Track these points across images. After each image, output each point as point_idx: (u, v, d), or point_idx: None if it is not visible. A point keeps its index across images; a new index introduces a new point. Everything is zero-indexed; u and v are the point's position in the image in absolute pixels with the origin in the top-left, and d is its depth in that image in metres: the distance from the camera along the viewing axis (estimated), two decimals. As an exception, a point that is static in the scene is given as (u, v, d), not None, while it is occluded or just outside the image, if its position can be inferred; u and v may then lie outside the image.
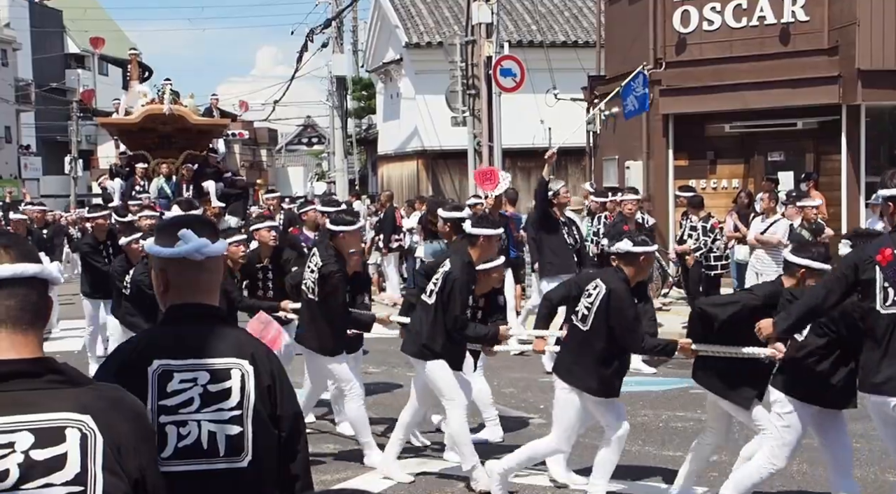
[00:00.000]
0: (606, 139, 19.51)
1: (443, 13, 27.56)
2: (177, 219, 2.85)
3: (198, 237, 2.58)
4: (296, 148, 62.39)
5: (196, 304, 2.60)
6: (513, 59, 18.85)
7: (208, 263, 2.60)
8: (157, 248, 2.62)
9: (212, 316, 2.62)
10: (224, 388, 2.49)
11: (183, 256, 2.58)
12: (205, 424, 2.48)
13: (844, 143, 15.77)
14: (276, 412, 2.55)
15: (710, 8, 16.52)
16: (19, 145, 51.51)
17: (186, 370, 2.49)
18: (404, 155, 28.26)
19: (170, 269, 2.61)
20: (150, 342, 2.59)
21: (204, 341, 2.54)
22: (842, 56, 15.41)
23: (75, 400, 1.94)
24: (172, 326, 2.61)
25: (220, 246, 2.63)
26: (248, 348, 2.56)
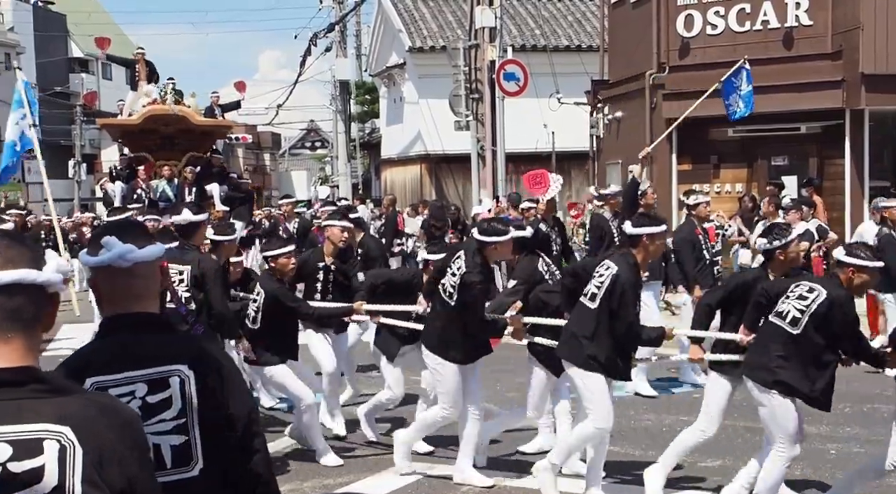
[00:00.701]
0: (609, 143, 19.51)
1: (446, 17, 27.59)
2: (106, 226, 2.78)
3: (122, 243, 2.46)
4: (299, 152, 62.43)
5: (130, 314, 2.47)
6: (516, 63, 18.87)
7: (138, 269, 2.47)
8: (85, 258, 2.52)
9: (149, 323, 2.49)
10: (163, 398, 2.38)
11: (107, 264, 2.46)
12: (148, 437, 2.30)
13: (848, 148, 15.75)
14: (227, 411, 2.42)
15: (714, 12, 16.52)
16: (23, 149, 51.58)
17: (123, 384, 2.37)
18: (407, 159, 28.27)
19: (99, 278, 2.51)
20: (83, 358, 2.47)
21: (139, 351, 2.42)
22: (845, 60, 15.39)
23: (57, 411, 1.89)
24: (108, 339, 2.48)
25: (149, 250, 2.49)
26: (187, 351, 2.45)
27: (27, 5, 53.31)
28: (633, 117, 18.18)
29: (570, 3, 28.81)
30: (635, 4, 18.36)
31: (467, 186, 21.93)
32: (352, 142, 32.81)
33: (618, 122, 19.03)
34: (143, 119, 19.43)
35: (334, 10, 30.28)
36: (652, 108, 17.19)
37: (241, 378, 2.54)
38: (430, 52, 26.06)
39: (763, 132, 16.63)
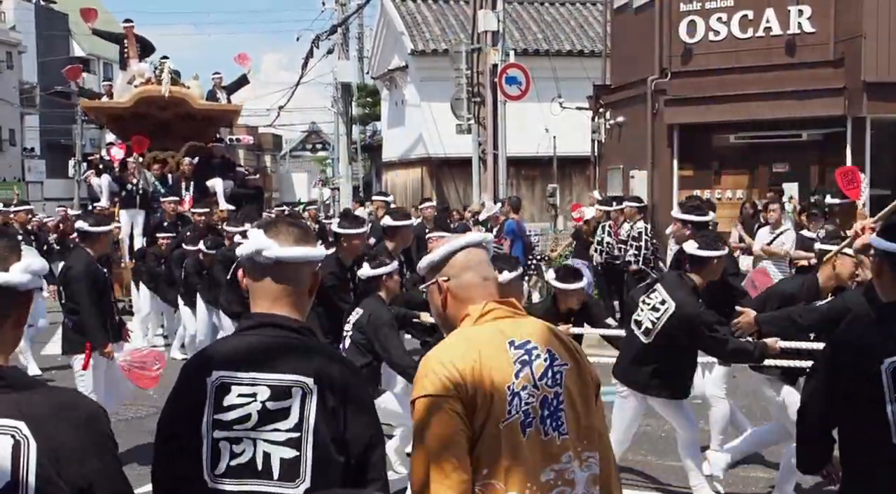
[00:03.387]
0: (611, 148, 19.52)
1: (449, 21, 27.61)
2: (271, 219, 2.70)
3: (266, 238, 2.45)
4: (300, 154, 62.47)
5: (270, 314, 2.45)
6: (518, 67, 18.87)
7: (281, 269, 2.46)
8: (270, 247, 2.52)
9: (287, 328, 2.43)
10: (283, 407, 2.32)
11: (246, 258, 2.49)
12: (260, 443, 2.31)
13: (849, 155, 15.76)
14: (343, 436, 2.33)
15: (717, 18, 16.54)
16: (23, 148, 51.60)
17: (247, 383, 2.34)
18: (409, 162, 28.28)
19: (245, 272, 2.54)
20: (213, 350, 2.49)
21: (271, 354, 2.37)
22: (847, 68, 15.41)
23: (13, 406, 1.88)
24: (244, 336, 2.45)
25: (296, 251, 2.45)
26: (315, 364, 2.36)
27: (29, 4, 53.37)
28: (634, 123, 18.19)
29: (573, 7, 28.84)
30: (638, 10, 18.38)
31: (468, 190, 21.93)
32: (353, 144, 32.83)
33: (619, 127, 19.04)
34: (135, 101, 16.86)
35: (337, 13, 30.31)
36: (654, 114, 17.21)
37: (368, 402, 2.45)
38: (432, 55, 26.08)
39: (765, 139, 16.64)
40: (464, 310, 2.66)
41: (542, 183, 24.74)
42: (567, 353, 2.65)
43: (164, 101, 16.88)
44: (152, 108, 17.04)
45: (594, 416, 2.67)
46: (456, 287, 2.68)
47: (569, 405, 2.59)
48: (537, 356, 2.58)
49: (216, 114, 17.99)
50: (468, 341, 2.57)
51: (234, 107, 18.47)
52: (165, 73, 16.88)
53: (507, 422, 2.49)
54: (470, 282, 2.68)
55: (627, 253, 12.99)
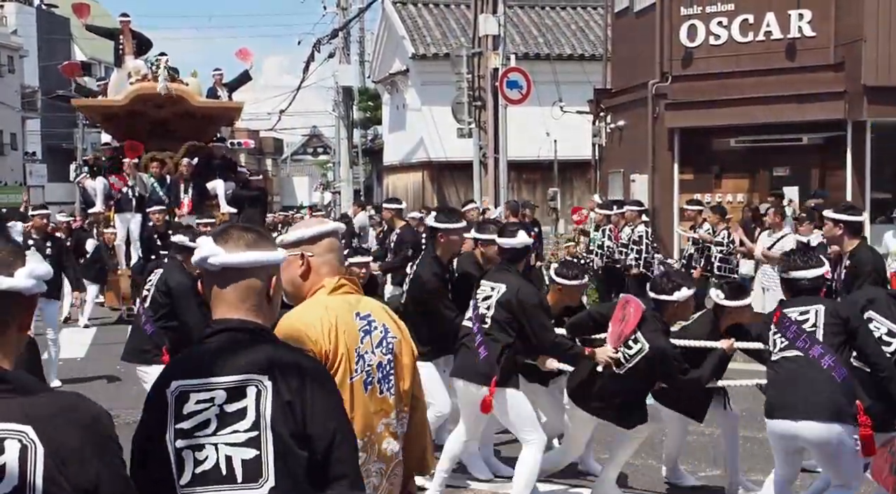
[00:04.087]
0: (612, 152, 19.53)
1: (450, 25, 27.63)
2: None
3: (214, 245, 2.44)
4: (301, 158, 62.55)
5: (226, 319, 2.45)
6: (519, 71, 18.89)
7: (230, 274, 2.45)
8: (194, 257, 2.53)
9: (243, 330, 2.42)
10: (240, 408, 2.30)
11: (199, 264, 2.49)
12: (221, 447, 2.29)
13: (850, 159, 15.78)
14: (303, 431, 2.30)
15: (717, 22, 16.56)
16: (24, 152, 51.63)
17: (203, 389, 2.32)
18: (410, 166, 28.29)
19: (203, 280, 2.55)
20: (175, 362, 2.49)
21: (226, 357, 2.35)
22: (848, 72, 15.43)
23: (19, 410, 1.89)
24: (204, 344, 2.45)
25: (243, 256, 2.43)
26: (267, 360, 2.33)
27: (31, 9, 53.42)
28: (635, 126, 18.21)
29: (574, 11, 28.86)
30: (639, 14, 18.41)
31: (469, 193, 21.91)
32: (354, 148, 32.86)
33: (620, 131, 19.07)
34: (130, 99, 15.82)
35: (338, 17, 30.36)
36: (654, 118, 17.23)
37: (330, 396, 2.41)
38: (433, 59, 26.09)
39: (765, 142, 16.66)
40: (319, 283, 3.07)
41: (542, 186, 24.74)
42: (396, 328, 3.15)
43: (161, 99, 15.80)
44: (149, 106, 16.04)
45: (414, 383, 3.15)
46: (318, 263, 3.10)
47: (397, 370, 3.07)
48: (375, 327, 3.05)
49: (216, 113, 17.01)
50: (326, 308, 2.98)
51: (235, 104, 17.48)
52: (162, 68, 15.88)
53: (354, 379, 2.94)
54: (329, 262, 3.11)
55: (628, 257, 13.00)
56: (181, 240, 7.36)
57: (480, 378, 5.96)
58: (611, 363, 5.92)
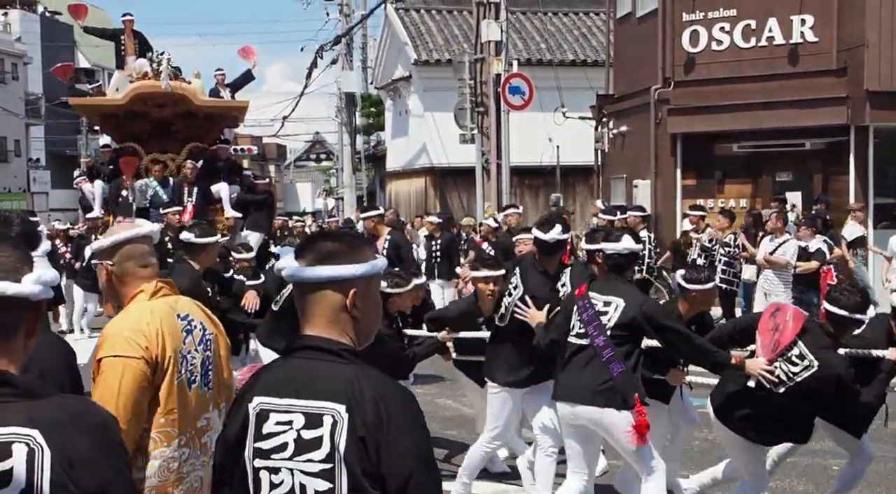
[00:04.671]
0: (614, 157, 19.54)
1: (452, 31, 27.67)
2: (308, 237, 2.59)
3: (295, 259, 2.39)
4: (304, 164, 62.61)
5: (309, 336, 2.37)
6: (521, 77, 18.93)
7: (309, 289, 2.38)
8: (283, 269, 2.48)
9: (324, 350, 2.33)
10: (316, 436, 2.24)
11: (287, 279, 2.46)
12: (297, 474, 2.25)
13: (852, 164, 15.76)
14: (376, 469, 2.19)
15: (719, 28, 16.56)
16: (28, 159, 51.74)
17: (283, 410, 2.28)
18: (412, 171, 28.32)
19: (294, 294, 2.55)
20: (257, 375, 2.44)
21: (305, 379, 2.30)
22: (850, 77, 15.42)
23: (26, 414, 1.89)
24: (287, 360, 2.40)
25: (322, 270, 2.35)
26: (348, 390, 2.24)
27: (34, 16, 53.56)
28: (637, 132, 18.21)
29: (576, 17, 28.89)
30: (641, 20, 18.42)
31: (472, 199, 21.95)
32: (357, 154, 32.88)
33: (622, 137, 19.07)
34: (130, 98, 14.99)
35: (341, 23, 30.38)
36: (657, 123, 17.23)
37: (411, 433, 2.25)
38: (435, 65, 26.13)
39: (768, 148, 16.65)
40: (135, 288, 3.19)
41: (545, 192, 24.76)
42: (213, 325, 3.32)
43: (162, 98, 15.07)
44: (150, 106, 15.20)
45: (230, 376, 3.34)
46: (119, 272, 3.22)
47: (215, 365, 3.26)
48: (195, 326, 3.21)
49: (220, 113, 16.15)
50: (151, 312, 3.11)
51: (239, 103, 16.60)
52: (164, 65, 15.07)
53: (179, 379, 3.09)
54: (129, 271, 3.22)
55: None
56: (187, 238, 7.03)
57: (611, 399, 5.34)
58: (765, 378, 5.40)
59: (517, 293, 6.11)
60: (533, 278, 6.13)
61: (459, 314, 6.83)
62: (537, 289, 6.08)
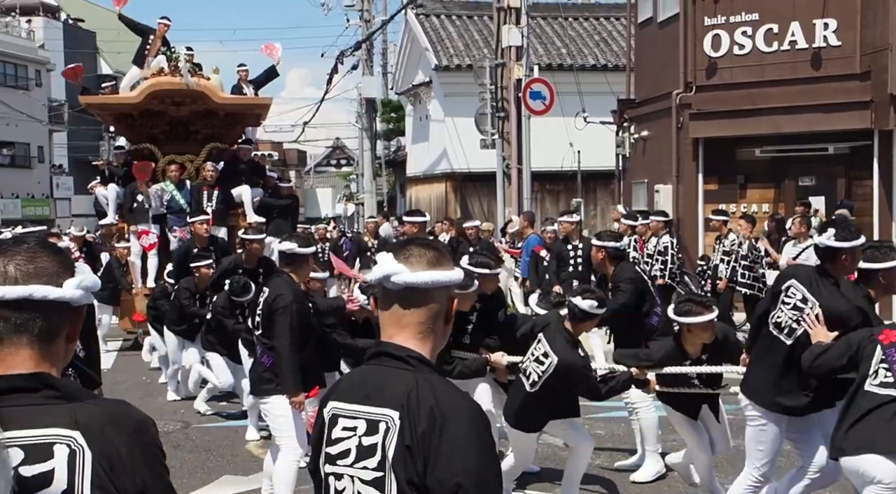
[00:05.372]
0: (636, 162, 19.48)
1: (472, 36, 27.69)
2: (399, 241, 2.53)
3: (395, 261, 2.32)
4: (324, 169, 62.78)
5: (386, 342, 2.33)
6: (542, 82, 18.90)
7: (408, 295, 2.32)
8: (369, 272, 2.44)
9: (391, 356, 2.30)
10: (372, 443, 2.22)
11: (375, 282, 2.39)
12: (356, 481, 2.24)
13: (876, 169, 15.64)
14: (422, 480, 2.14)
15: (742, 32, 16.49)
16: (51, 165, 52.11)
17: (350, 416, 2.28)
18: (433, 177, 28.34)
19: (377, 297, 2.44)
20: (340, 380, 2.44)
21: (369, 385, 2.29)
22: (874, 81, 15.31)
23: (68, 416, 1.92)
24: (362, 366, 2.37)
25: (426, 275, 2.30)
26: (405, 396, 2.20)
27: (58, 23, 53.99)
28: (659, 137, 18.15)
29: (597, 22, 28.86)
30: (662, 24, 18.37)
31: (492, 204, 21.95)
32: (377, 159, 32.95)
33: (644, 142, 19.01)
34: (145, 96, 14.12)
35: (361, 29, 30.48)
36: (678, 128, 17.17)
37: (465, 446, 2.14)
38: (456, 70, 26.16)
39: (791, 152, 16.55)
40: None
41: (566, 197, 24.72)
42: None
43: (180, 96, 14.16)
44: (166, 104, 14.32)
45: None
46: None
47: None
48: None
49: (241, 110, 15.12)
50: None
51: (262, 100, 15.63)
52: (183, 60, 14.27)
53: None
54: None
55: (653, 268, 12.94)
56: (290, 248, 6.52)
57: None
58: None
59: (807, 307, 5.46)
60: (826, 291, 5.47)
61: (666, 357, 6.48)
62: (832, 304, 5.43)
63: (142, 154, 14.51)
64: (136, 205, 14.20)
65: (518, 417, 6.47)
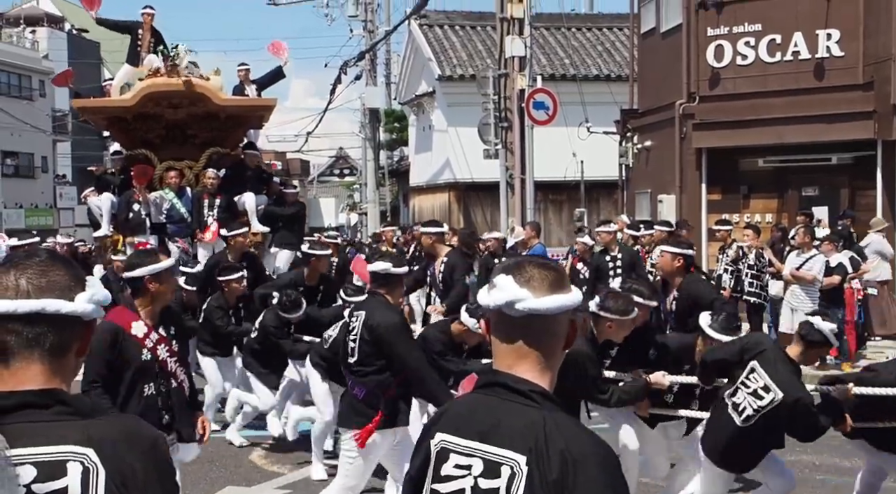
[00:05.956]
0: (639, 172, 19.49)
1: (476, 46, 27.73)
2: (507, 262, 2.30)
3: (517, 285, 2.13)
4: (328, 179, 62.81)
5: (503, 373, 2.14)
6: (545, 92, 18.92)
7: (532, 322, 2.14)
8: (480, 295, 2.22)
9: (512, 390, 2.11)
10: (493, 487, 2.05)
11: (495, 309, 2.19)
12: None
13: (880, 179, 15.65)
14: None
15: (744, 43, 16.51)
16: (55, 175, 52.19)
17: (463, 452, 2.11)
18: (436, 187, 28.35)
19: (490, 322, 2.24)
20: (446, 409, 2.28)
21: (487, 421, 2.10)
22: (877, 91, 15.33)
23: (81, 433, 1.91)
24: (474, 396, 2.19)
25: (551, 300, 2.12)
26: (532, 439, 2.02)
27: (62, 33, 54.15)
28: (662, 147, 18.17)
29: (600, 32, 28.89)
30: (665, 34, 18.40)
31: (495, 214, 21.94)
32: (380, 169, 32.98)
33: (647, 152, 19.03)
34: (140, 98, 13.13)
35: (364, 39, 30.53)
36: (682, 138, 17.19)
37: (605, 489, 1.99)
38: (459, 80, 26.18)
39: (794, 162, 16.56)
40: None
41: (569, 207, 24.73)
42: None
43: (177, 97, 13.20)
44: (162, 107, 13.34)
45: None
46: None
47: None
48: None
49: (243, 112, 14.12)
50: None
51: (266, 101, 14.61)
52: (181, 55, 13.23)
53: None
54: None
55: (657, 278, 12.91)
56: (385, 268, 5.98)
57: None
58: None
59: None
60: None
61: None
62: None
63: (137, 160, 13.45)
64: (131, 215, 13.04)
65: (726, 456, 5.66)
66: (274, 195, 14.08)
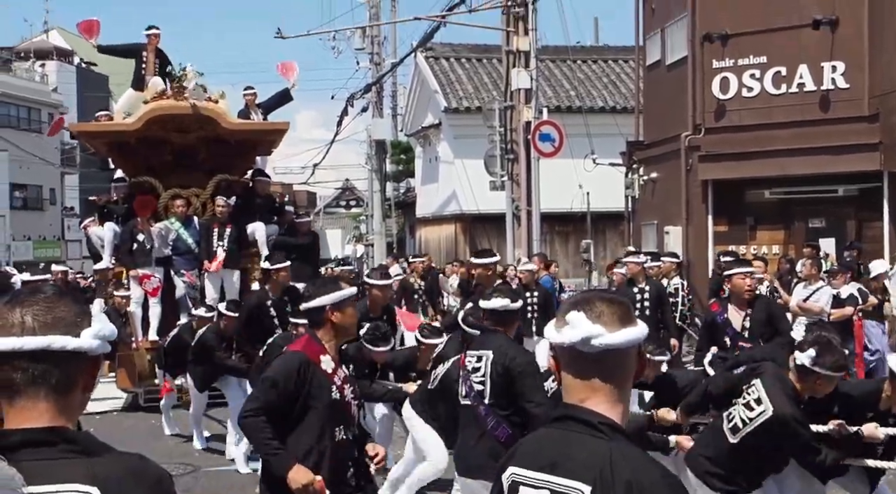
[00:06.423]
0: (645, 204, 19.50)
1: (482, 79, 27.86)
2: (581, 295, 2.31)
3: (590, 322, 2.12)
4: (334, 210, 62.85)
5: (575, 406, 2.15)
6: (551, 124, 18.99)
7: (604, 356, 2.13)
8: (548, 331, 2.23)
9: (581, 422, 2.12)
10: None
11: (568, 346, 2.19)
12: None
13: (886, 210, 15.64)
14: None
15: (750, 75, 16.57)
16: (63, 207, 52.39)
17: (532, 485, 2.13)
18: (442, 218, 28.39)
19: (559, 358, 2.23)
20: (521, 444, 2.28)
21: (555, 452, 2.12)
22: (883, 123, 15.36)
23: (86, 471, 1.90)
24: (546, 429, 2.20)
25: (622, 335, 2.13)
26: (597, 470, 2.03)
27: (71, 66, 54.56)
28: (668, 178, 18.19)
29: (605, 64, 29.03)
30: (671, 67, 18.47)
31: (502, 246, 21.95)
32: (387, 201, 33.04)
33: (653, 183, 19.05)
34: (144, 122, 12.42)
35: (371, 71, 30.71)
36: (688, 170, 17.21)
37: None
38: (465, 112, 26.30)
39: (800, 194, 16.56)
40: None
41: (575, 238, 24.73)
42: None
43: (185, 121, 12.55)
44: (169, 130, 12.68)
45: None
46: None
47: None
48: None
49: (255, 136, 13.43)
50: None
51: (278, 125, 13.78)
52: (189, 77, 12.61)
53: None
54: None
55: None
56: (503, 305, 5.77)
57: None
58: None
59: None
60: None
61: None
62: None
63: (141, 187, 12.80)
64: (136, 247, 12.36)
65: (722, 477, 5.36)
66: (285, 224, 13.46)
